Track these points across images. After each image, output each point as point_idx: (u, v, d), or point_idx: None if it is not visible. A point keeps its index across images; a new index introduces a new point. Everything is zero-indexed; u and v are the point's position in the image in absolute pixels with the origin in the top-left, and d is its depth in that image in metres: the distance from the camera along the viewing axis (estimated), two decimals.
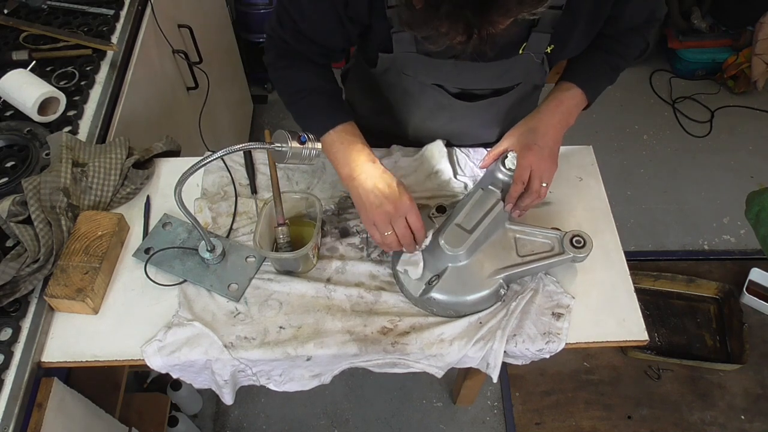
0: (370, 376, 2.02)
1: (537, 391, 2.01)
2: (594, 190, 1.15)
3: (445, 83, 1.05)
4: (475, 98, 1.07)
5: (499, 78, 1.03)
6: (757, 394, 2.00)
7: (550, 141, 0.98)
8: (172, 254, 1.02)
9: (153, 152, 1.14)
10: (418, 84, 1.06)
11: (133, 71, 1.35)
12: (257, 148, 0.87)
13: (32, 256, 0.94)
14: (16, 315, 0.92)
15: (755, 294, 2.16)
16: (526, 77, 1.04)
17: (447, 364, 0.96)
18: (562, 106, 1.01)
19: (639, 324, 0.97)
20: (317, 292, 0.99)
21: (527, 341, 0.94)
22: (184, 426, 1.65)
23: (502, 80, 1.04)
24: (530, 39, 0.94)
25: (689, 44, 2.91)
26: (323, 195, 1.12)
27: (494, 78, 1.03)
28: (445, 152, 1.16)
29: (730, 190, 2.57)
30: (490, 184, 0.99)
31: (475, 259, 0.96)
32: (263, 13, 2.47)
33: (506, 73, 1.01)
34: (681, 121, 2.85)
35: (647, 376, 2.05)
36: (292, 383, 1.01)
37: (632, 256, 2.34)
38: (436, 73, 1.02)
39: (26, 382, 0.87)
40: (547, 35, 0.94)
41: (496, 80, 1.04)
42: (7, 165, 1.11)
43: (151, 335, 0.93)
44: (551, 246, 0.98)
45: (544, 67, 1.02)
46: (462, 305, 0.95)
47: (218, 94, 2.07)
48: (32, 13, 1.39)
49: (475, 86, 1.05)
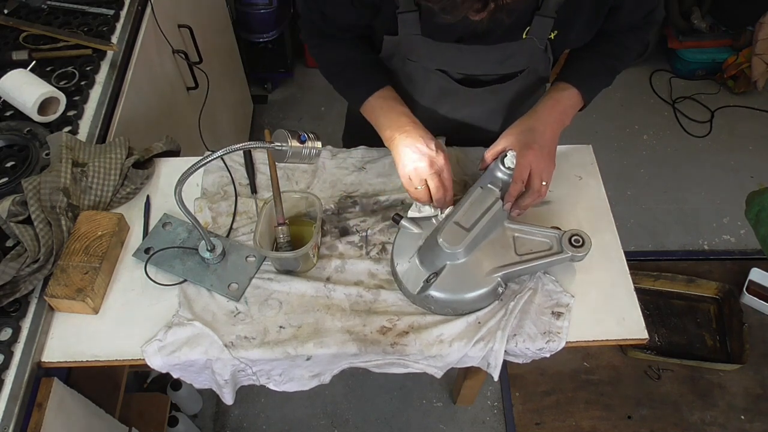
0: (370, 376, 2.02)
1: (537, 391, 2.01)
2: (594, 189, 1.15)
3: (448, 68, 1.06)
4: (478, 84, 1.08)
5: (502, 63, 1.04)
6: (757, 394, 2.00)
7: (548, 140, 0.98)
8: (172, 254, 1.02)
9: (153, 152, 1.14)
10: (422, 69, 1.06)
11: (133, 71, 1.35)
12: (257, 147, 0.87)
13: (32, 256, 0.94)
14: (16, 315, 0.92)
15: (755, 294, 2.16)
16: (529, 64, 1.05)
17: (447, 364, 0.97)
18: (559, 106, 1.02)
19: (639, 323, 0.97)
20: (317, 291, 0.99)
21: (527, 341, 0.94)
22: (184, 426, 1.65)
23: (505, 66, 1.05)
24: (533, 23, 0.95)
25: (689, 44, 2.91)
26: (323, 194, 1.12)
27: (497, 63, 1.04)
28: None
29: (730, 190, 2.57)
30: (489, 182, 0.99)
31: (474, 258, 0.96)
32: (263, 13, 2.47)
33: (509, 58, 1.02)
34: (681, 121, 2.85)
35: (647, 376, 2.05)
36: (291, 383, 1.02)
37: (632, 256, 2.34)
38: (439, 57, 1.03)
39: (26, 382, 0.87)
40: (551, 20, 0.95)
41: (499, 65, 1.04)
42: (7, 165, 1.11)
43: (151, 335, 0.93)
44: (550, 245, 0.98)
45: (547, 55, 1.02)
46: (460, 303, 0.95)
47: (218, 94, 2.07)
48: (32, 13, 1.39)
49: (478, 71, 1.06)
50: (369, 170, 1.17)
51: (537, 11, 0.94)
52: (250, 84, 2.72)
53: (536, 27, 0.96)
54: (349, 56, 1.08)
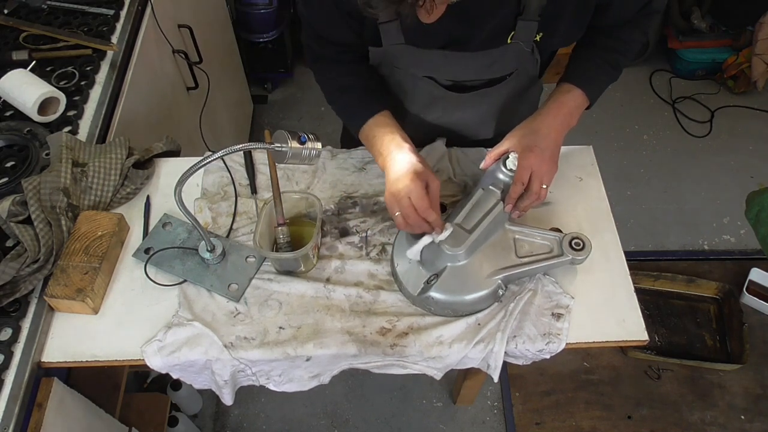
0: (370, 376, 2.02)
1: (537, 391, 2.01)
2: (594, 190, 1.15)
3: (435, 75, 1.06)
4: (467, 89, 1.08)
5: (488, 68, 1.03)
6: (757, 394, 2.00)
7: (552, 143, 0.98)
8: (172, 254, 1.02)
9: (153, 152, 1.14)
10: (411, 76, 1.07)
11: (133, 71, 1.35)
12: (257, 148, 0.87)
13: (32, 256, 0.94)
14: (16, 315, 0.92)
15: (755, 294, 2.16)
16: (518, 66, 1.05)
17: (446, 365, 0.97)
18: (564, 108, 1.01)
19: (639, 324, 0.97)
20: (317, 292, 0.99)
21: (527, 342, 0.94)
22: (184, 426, 1.65)
23: (492, 70, 1.04)
24: (517, 27, 0.95)
25: (689, 44, 2.90)
26: (323, 195, 1.12)
27: (483, 68, 1.03)
28: (444, 151, 1.16)
29: (730, 190, 2.57)
30: (490, 184, 0.99)
31: (474, 259, 0.96)
32: (263, 13, 2.47)
33: (495, 63, 1.02)
34: (681, 121, 2.85)
35: (647, 376, 2.05)
36: (291, 384, 1.02)
37: (632, 256, 2.33)
38: (425, 64, 1.03)
39: (26, 382, 0.87)
40: (534, 23, 0.94)
41: (485, 70, 1.04)
42: (7, 165, 1.11)
43: (151, 335, 0.93)
44: (550, 248, 0.98)
45: (534, 56, 1.02)
46: (460, 305, 0.95)
47: (218, 94, 2.07)
48: (32, 13, 1.39)
49: (465, 77, 1.06)
50: (369, 171, 1.17)
51: (519, 16, 0.93)
52: (250, 84, 2.72)
53: (520, 31, 0.95)
54: (346, 83, 1.07)
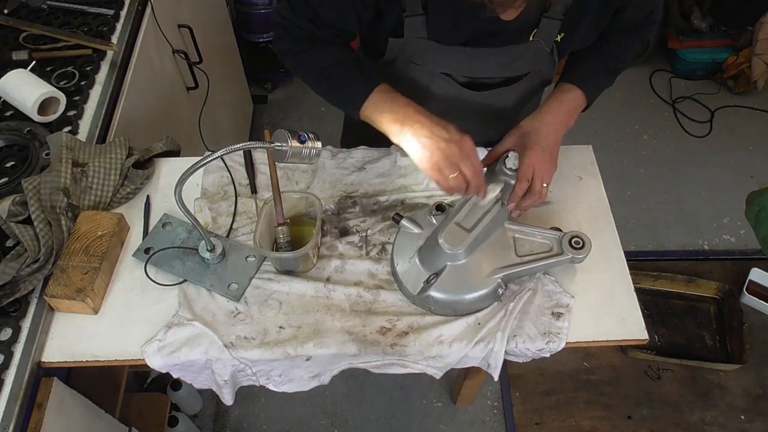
0: (370, 376, 2.02)
1: (537, 391, 2.01)
2: (594, 189, 1.15)
3: (453, 72, 1.05)
4: (483, 87, 1.08)
5: (508, 66, 1.03)
6: (757, 394, 2.00)
7: (552, 142, 0.98)
8: (172, 254, 1.02)
9: (153, 152, 1.14)
10: (427, 73, 1.05)
11: (133, 71, 1.35)
12: (257, 147, 0.87)
13: (32, 256, 0.94)
14: (16, 315, 0.92)
15: (755, 294, 2.16)
16: (534, 67, 1.05)
17: (446, 365, 0.97)
18: (564, 107, 1.01)
19: (639, 323, 0.97)
20: (317, 291, 0.99)
21: (527, 341, 0.94)
22: (184, 426, 1.65)
23: (511, 68, 1.04)
24: (541, 25, 0.95)
25: (689, 44, 2.90)
26: (323, 194, 1.12)
27: (503, 66, 1.03)
28: None
29: (730, 190, 2.57)
30: (490, 183, 0.99)
31: (474, 259, 0.96)
32: (263, 13, 2.47)
33: (515, 60, 1.02)
34: (681, 121, 2.85)
35: (647, 376, 2.05)
36: (291, 384, 1.02)
37: (632, 256, 2.33)
38: (445, 60, 1.02)
39: (26, 382, 0.87)
40: (558, 22, 0.94)
41: (505, 68, 1.04)
42: (7, 165, 1.11)
43: (151, 335, 0.93)
44: (550, 246, 0.98)
45: (553, 57, 1.02)
46: (460, 304, 0.95)
47: (218, 94, 2.07)
48: (32, 13, 1.39)
49: (484, 74, 1.05)
50: (369, 170, 1.17)
51: (545, 13, 0.94)
52: (250, 84, 2.71)
53: (543, 29, 0.96)
54: (341, 56, 1.01)
